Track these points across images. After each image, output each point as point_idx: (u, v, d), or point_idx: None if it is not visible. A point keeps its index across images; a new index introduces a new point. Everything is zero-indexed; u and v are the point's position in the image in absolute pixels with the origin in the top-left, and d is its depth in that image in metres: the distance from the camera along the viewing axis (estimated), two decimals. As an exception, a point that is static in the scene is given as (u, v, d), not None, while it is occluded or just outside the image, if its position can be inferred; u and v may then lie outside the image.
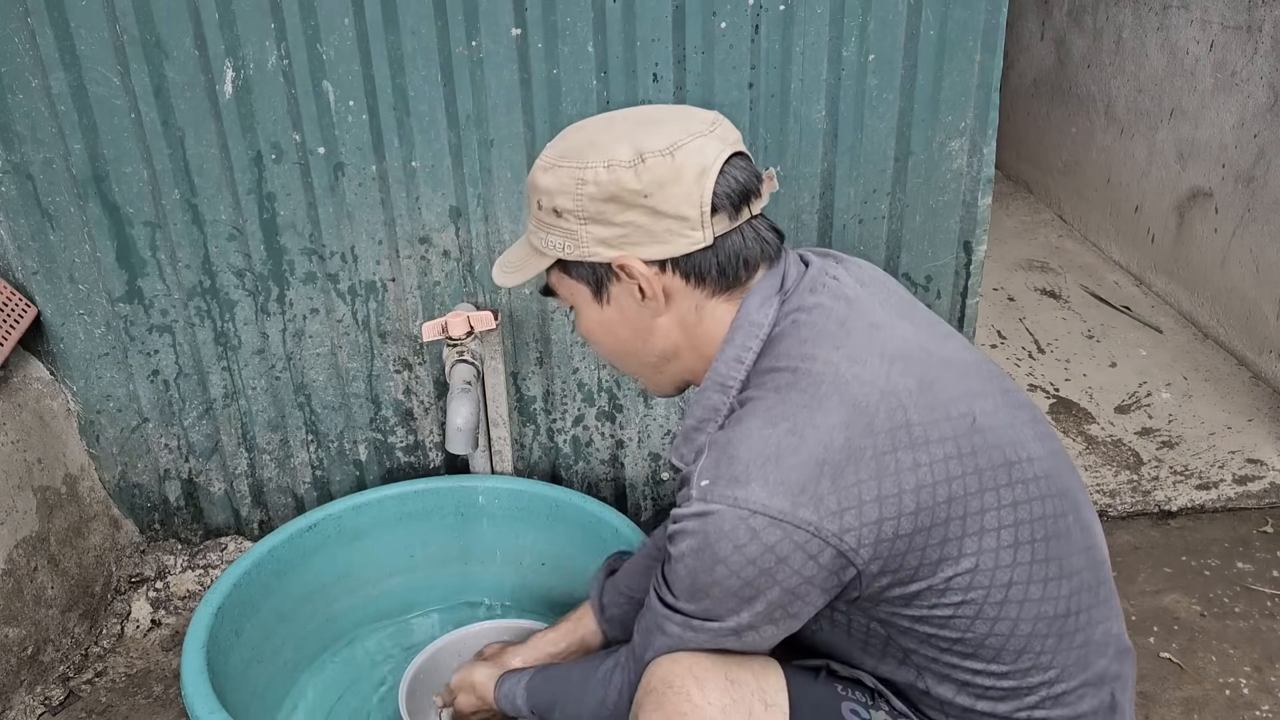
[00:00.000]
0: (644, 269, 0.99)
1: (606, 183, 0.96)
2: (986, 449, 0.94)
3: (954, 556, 0.93)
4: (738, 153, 1.00)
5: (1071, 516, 0.99)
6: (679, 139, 0.97)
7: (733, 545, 0.90)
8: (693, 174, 0.96)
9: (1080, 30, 3.52)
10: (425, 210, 1.70)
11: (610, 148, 0.97)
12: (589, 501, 1.74)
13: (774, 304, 1.01)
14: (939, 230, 1.75)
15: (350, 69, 1.57)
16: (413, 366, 1.84)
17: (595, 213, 0.98)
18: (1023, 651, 0.97)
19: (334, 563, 1.74)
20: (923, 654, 1.00)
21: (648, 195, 0.96)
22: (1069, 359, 2.78)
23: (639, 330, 1.05)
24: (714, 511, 0.91)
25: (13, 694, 1.64)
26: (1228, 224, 2.72)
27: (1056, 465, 1.00)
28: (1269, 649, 1.78)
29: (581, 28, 1.56)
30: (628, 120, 1.02)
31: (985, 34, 1.60)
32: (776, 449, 0.90)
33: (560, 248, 1.01)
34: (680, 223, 0.97)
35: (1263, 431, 2.40)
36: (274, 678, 1.63)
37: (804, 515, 0.89)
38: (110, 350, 1.79)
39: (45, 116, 1.58)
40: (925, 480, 0.91)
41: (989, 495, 0.93)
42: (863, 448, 0.90)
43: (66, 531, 1.78)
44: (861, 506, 0.90)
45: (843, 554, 0.90)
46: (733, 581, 0.92)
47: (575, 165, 0.98)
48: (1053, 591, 0.96)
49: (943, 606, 0.95)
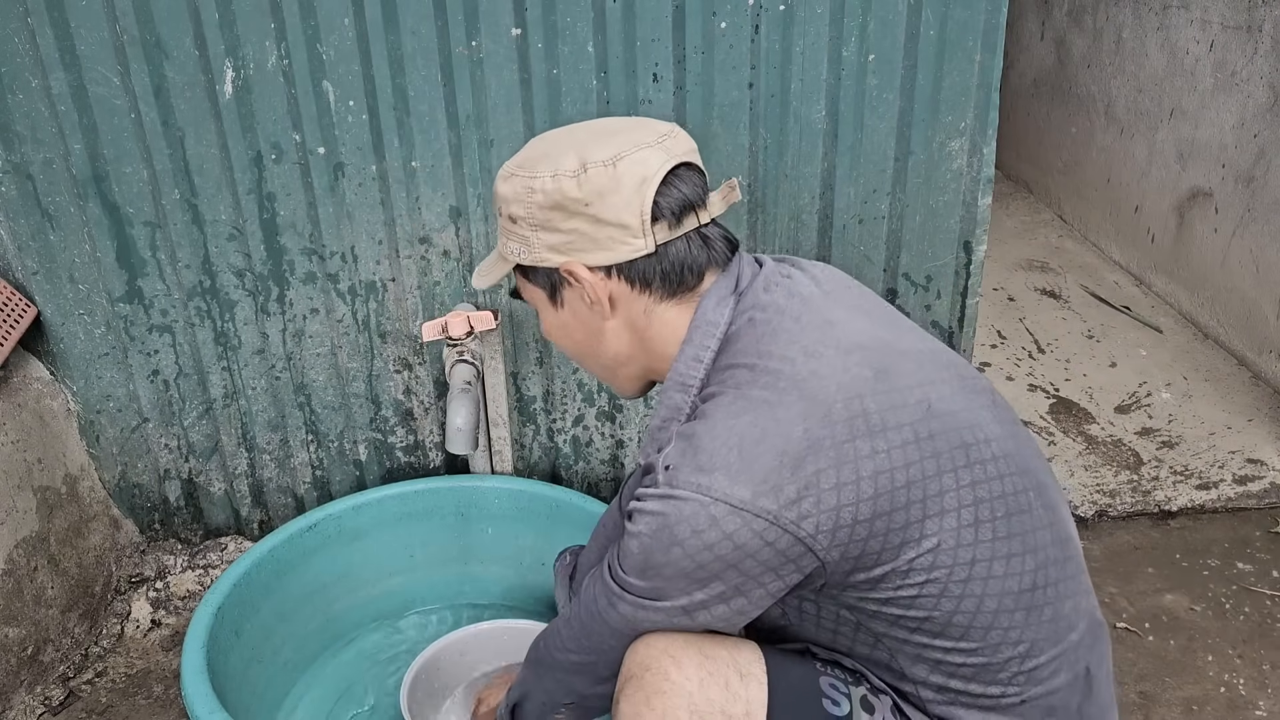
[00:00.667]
0: (588, 275, 1.04)
1: (551, 191, 1.01)
2: (944, 433, 0.97)
3: (915, 539, 0.95)
4: (686, 164, 1.04)
5: (1033, 493, 1.01)
6: (623, 150, 1.01)
7: (691, 529, 0.93)
8: (632, 184, 1.00)
9: (1080, 30, 3.52)
10: (425, 210, 1.70)
11: (559, 158, 1.02)
12: (589, 501, 1.74)
13: (729, 303, 1.05)
14: (939, 230, 1.75)
15: (350, 69, 1.57)
16: (413, 366, 1.84)
17: (543, 220, 1.03)
18: (990, 628, 0.99)
19: (334, 563, 1.74)
20: (893, 636, 1.02)
21: (588, 204, 1.00)
22: (1069, 359, 2.78)
23: (591, 333, 1.10)
24: (677, 496, 0.94)
25: (13, 694, 1.64)
26: (1228, 224, 2.72)
27: (1016, 446, 1.02)
28: (1269, 649, 1.78)
29: (581, 28, 1.56)
30: (585, 132, 1.07)
31: (985, 34, 1.60)
32: (740, 440, 0.94)
33: (517, 253, 1.07)
34: (621, 230, 1.01)
35: (1263, 431, 2.40)
36: (274, 678, 1.64)
37: (763, 504, 0.92)
38: (110, 350, 1.79)
39: (45, 116, 1.58)
40: (883, 466, 0.93)
41: (947, 477, 0.96)
42: (821, 438, 0.93)
43: (66, 531, 1.78)
44: (820, 494, 0.92)
45: (801, 540, 0.93)
46: (686, 563, 0.95)
47: (527, 174, 1.03)
48: (1016, 567, 0.98)
49: (907, 587, 0.97)
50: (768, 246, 1.75)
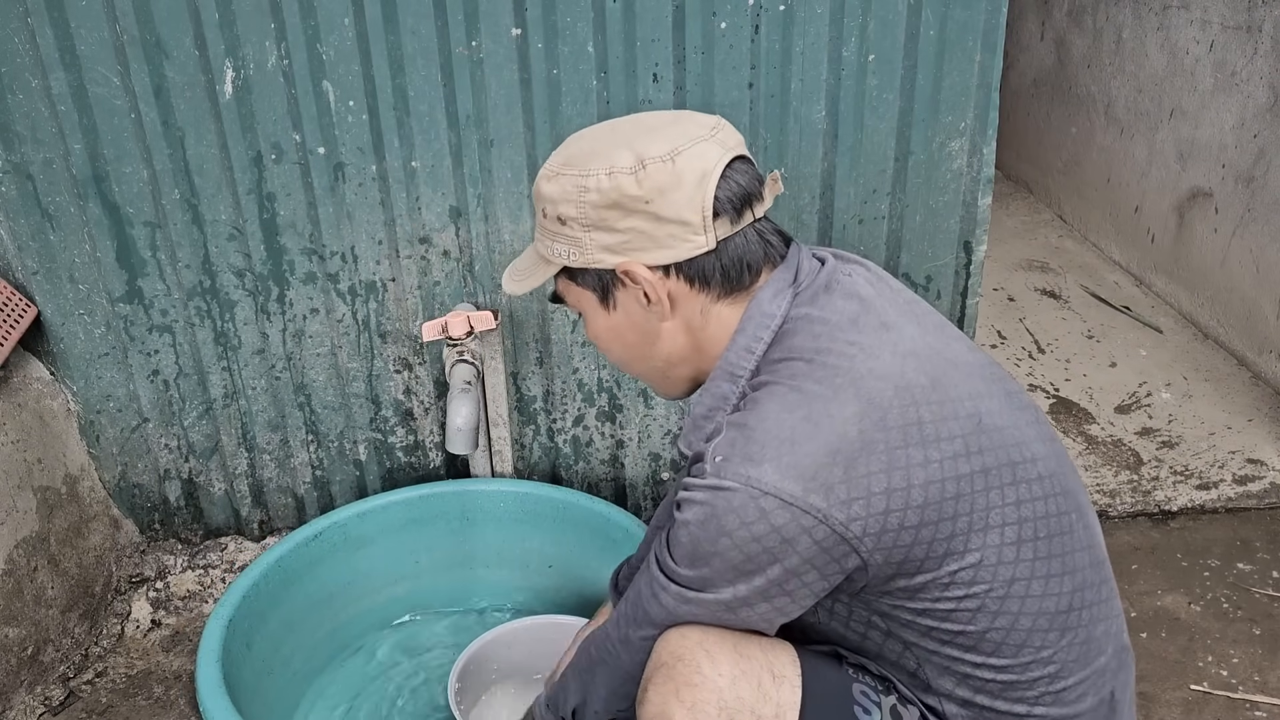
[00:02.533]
0: (648, 274, 1.00)
1: (608, 189, 0.97)
2: (993, 449, 0.96)
3: (959, 551, 0.94)
4: (739, 156, 1.01)
5: (1074, 515, 1.01)
6: (679, 144, 0.98)
7: (740, 521, 0.92)
8: (693, 179, 0.97)
9: (1080, 30, 3.52)
10: (425, 210, 1.70)
11: (611, 154, 0.98)
12: (596, 502, 1.74)
13: (787, 296, 1.02)
14: (939, 230, 1.75)
15: (350, 69, 1.57)
16: (413, 366, 1.84)
17: (598, 219, 0.99)
18: (1023, 646, 0.98)
19: (340, 571, 1.74)
20: (923, 647, 1.01)
21: (649, 201, 0.97)
22: (1069, 359, 2.78)
23: (646, 335, 1.06)
24: (726, 487, 0.93)
25: (13, 694, 1.64)
26: (1228, 224, 2.72)
27: (1059, 466, 1.02)
28: (1269, 649, 1.78)
29: (581, 28, 1.56)
30: (629, 127, 1.03)
31: (985, 34, 1.60)
32: (792, 434, 0.92)
33: (566, 255, 1.03)
34: (682, 227, 0.98)
35: (1263, 431, 2.40)
36: (285, 689, 1.63)
37: (814, 501, 0.91)
38: (110, 350, 1.79)
39: (45, 116, 1.58)
40: (934, 476, 0.93)
41: (994, 493, 0.95)
42: (875, 441, 0.92)
43: (66, 531, 1.78)
44: (870, 498, 0.91)
45: (847, 541, 0.92)
46: (734, 555, 0.94)
47: (578, 173, 0.99)
48: (1054, 588, 0.98)
49: (946, 600, 0.96)
50: (768, 246, 1.74)
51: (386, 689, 1.70)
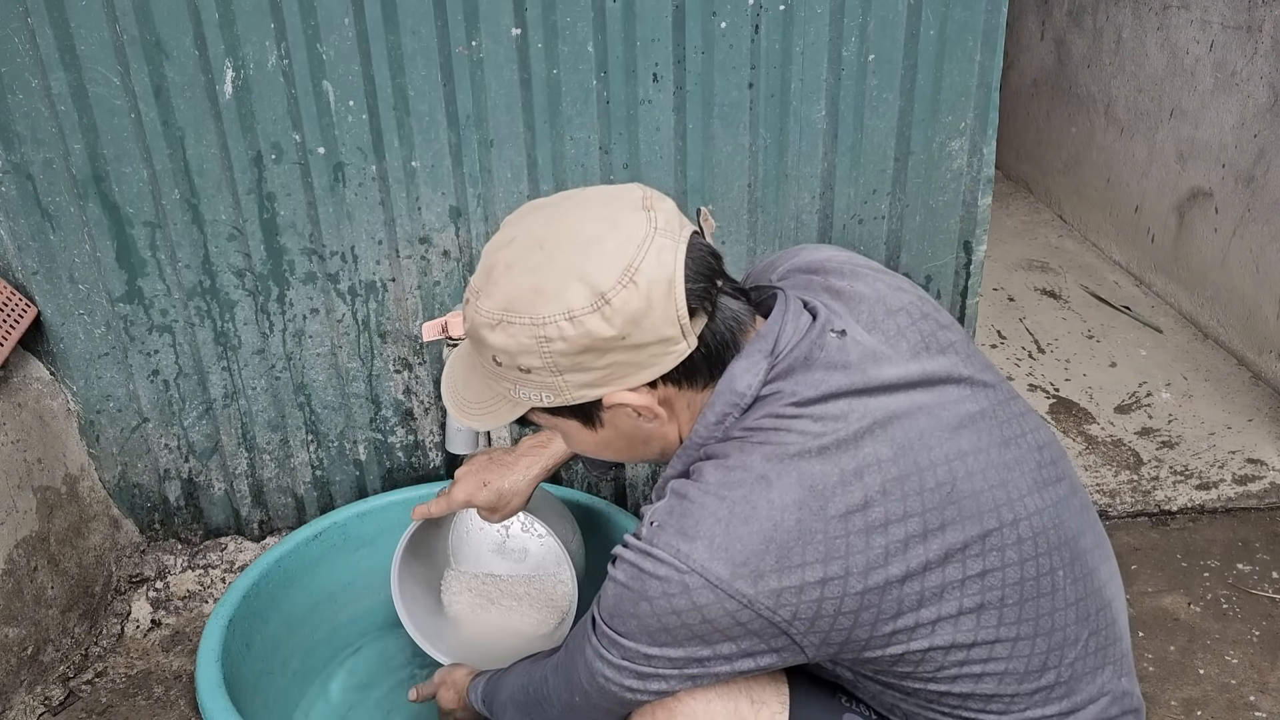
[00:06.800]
0: (636, 397, 0.94)
1: (575, 337, 0.88)
2: (960, 520, 0.91)
3: (907, 628, 0.91)
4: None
5: (1062, 571, 0.96)
6: (630, 257, 0.88)
7: (662, 591, 0.90)
8: (661, 293, 0.88)
9: (1080, 30, 3.52)
10: (425, 210, 1.70)
11: (561, 293, 0.88)
12: (595, 501, 1.74)
13: (760, 370, 0.95)
14: (939, 230, 1.75)
15: (350, 69, 1.57)
16: (413, 366, 1.84)
17: (571, 365, 0.90)
18: (1014, 698, 0.97)
19: (340, 571, 1.74)
20: (916, 700, 1.00)
21: (626, 336, 0.89)
22: (1069, 359, 2.78)
23: (638, 440, 1.01)
24: (655, 555, 0.90)
25: (13, 694, 1.64)
26: (1228, 224, 2.72)
27: (1058, 515, 0.97)
28: (1269, 649, 1.78)
29: (581, 28, 1.56)
30: (557, 240, 0.91)
31: (985, 34, 1.60)
32: (730, 515, 0.89)
33: (538, 398, 0.95)
34: (663, 344, 0.91)
35: (1263, 431, 2.40)
36: (284, 689, 1.63)
37: (740, 586, 0.88)
38: (110, 350, 1.79)
39: (45, 116, 1.58)
40: (877, 562, 0.89)
41: (952, 568, 0.91)
42: (814, 531, 0.88)
43: (66, 531, 1.78)
44: (803, 587, 0.88)
45: (775, 625, 0.90)
46: (652, 622, 0.92)
47: (530, 322, 0.89)
48: (1024, 650, 0.95)
49: (925, 665, 0.94)
50: (767, 246, 1.75)
51: (387, 689, 1.69)
